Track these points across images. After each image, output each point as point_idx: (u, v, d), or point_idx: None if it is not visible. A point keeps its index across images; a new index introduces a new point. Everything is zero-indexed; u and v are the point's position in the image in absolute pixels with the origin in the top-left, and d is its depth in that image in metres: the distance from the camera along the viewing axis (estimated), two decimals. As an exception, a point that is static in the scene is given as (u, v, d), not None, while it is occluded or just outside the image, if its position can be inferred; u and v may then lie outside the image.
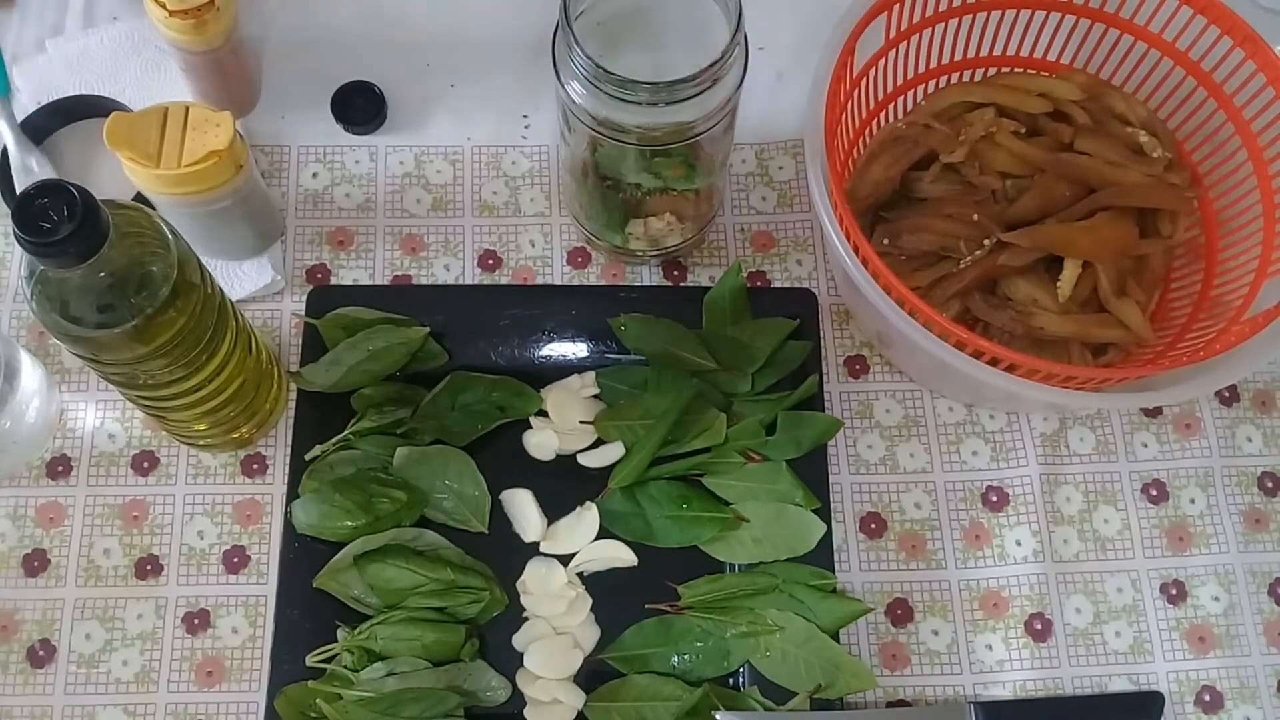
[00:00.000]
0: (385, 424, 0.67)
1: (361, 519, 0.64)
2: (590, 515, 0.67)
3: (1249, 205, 0.68)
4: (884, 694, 0.66)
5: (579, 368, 0.70)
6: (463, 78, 0.79)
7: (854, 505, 0.69)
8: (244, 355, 0.62)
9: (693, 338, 0.69)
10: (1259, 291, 0.65)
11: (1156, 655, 0.67)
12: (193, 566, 0.66)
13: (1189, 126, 0.71)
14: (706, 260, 0.75)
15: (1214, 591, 0.68)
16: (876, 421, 0.71)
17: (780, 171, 0.77)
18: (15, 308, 0.72)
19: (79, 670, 0.64)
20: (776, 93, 0.78)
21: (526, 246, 0.75)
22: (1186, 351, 0.66)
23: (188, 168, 0.62)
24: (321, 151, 0.76)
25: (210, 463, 0.68)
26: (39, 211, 0.47)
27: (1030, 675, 0.66)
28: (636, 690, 0.63)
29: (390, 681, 0.61)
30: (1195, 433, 0.72)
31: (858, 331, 0.73)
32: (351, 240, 0.74)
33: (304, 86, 0.77)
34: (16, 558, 0.66)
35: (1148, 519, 0.70)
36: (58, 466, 0.68)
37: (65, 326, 0.51)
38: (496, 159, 0.77)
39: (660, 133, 0.59)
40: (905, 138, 0.72)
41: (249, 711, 0.64)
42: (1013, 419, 0.72)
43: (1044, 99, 0.71)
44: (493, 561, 0.66)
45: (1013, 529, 0.69)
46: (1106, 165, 0.69)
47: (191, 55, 0.69)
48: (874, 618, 0.67)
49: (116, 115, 0.62)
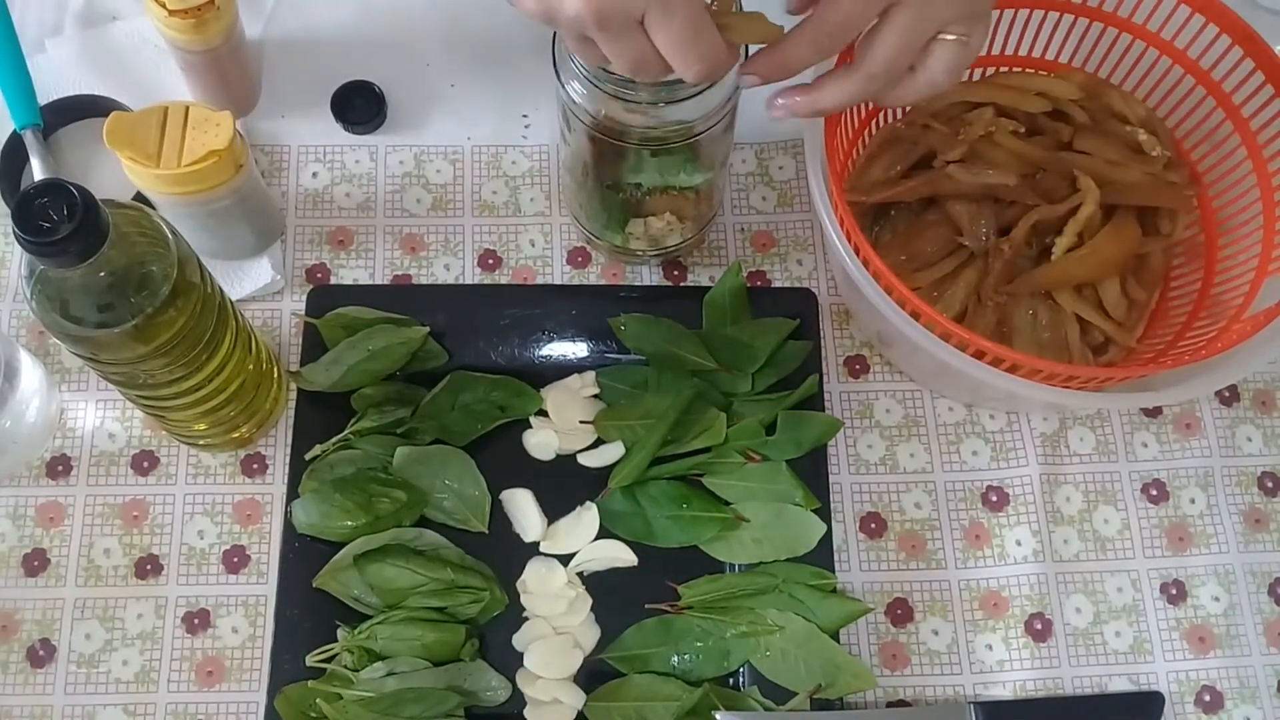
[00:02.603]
0: (385, 424, 0.67)
1: (361, 519, 0.64)
2: (590, 515, 0.67)
3: (1249, 204, 0.68)
4: (884, 694, 0.66)
5: (579, 368, 0.70)
6: (463, 78, 0.79)
7: (854, 505, 0.69)
8: (244, 355, 0.62)
9: (693, 337, 0.69)
10: (1259, 291, 0.65)
11: (1156, 655, 0.67)
12: (193, 566, 0.66)
13: (1188, 125, 0.71)
14: (706, 260, 0.75)
15: (1214, 591, 0.68)
16: (876, 421, 0.71)
17: (780, 171, 0.77)
18: (15, 308, 0.72)
19: (79, 670, 0.64)
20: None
21: (526, 246, 0.75)
22: (1187, 351, 0.66)
23: (188, 167, 0.62)
24: (321, 151, 0.76)
25: (210, 462, 0.68)
26: (39, 211, 0.47)
27: (1030, 675, 0.66)
28: (636, 690, 0.63)
29: (390, 681, 0.61)
30: (1195, 433, 0.72)
31: (858, 331, 0.73)
32: (351, 240, 0.74)
33: (304, 86, 0.77)
34: (16, 558, 0.66)
35: (1148, 519, 0.70)
36: (58, 466, 0.68)
37: (65, 326, 0.51)
38: (496, 159, 0.77)
39: (660, 132, 0.59)
40: (905, 138, 0.72)
41: (249, 711, 0.64)
42: (1013, 419, 0.72)
43: (1043, 98, 0.71)
44: (493, 561, 0.66)
45: (1013, 529, 0.69)
46: (1106, 164, 0.69)
47: (191, 55, 0.69)
48: (874, 618, 0.67)
49: (116, 115, 0.62)
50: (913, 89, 0.53)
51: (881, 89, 0.52)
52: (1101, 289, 0.69)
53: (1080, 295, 0.69)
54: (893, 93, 0.53)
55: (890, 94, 0.53)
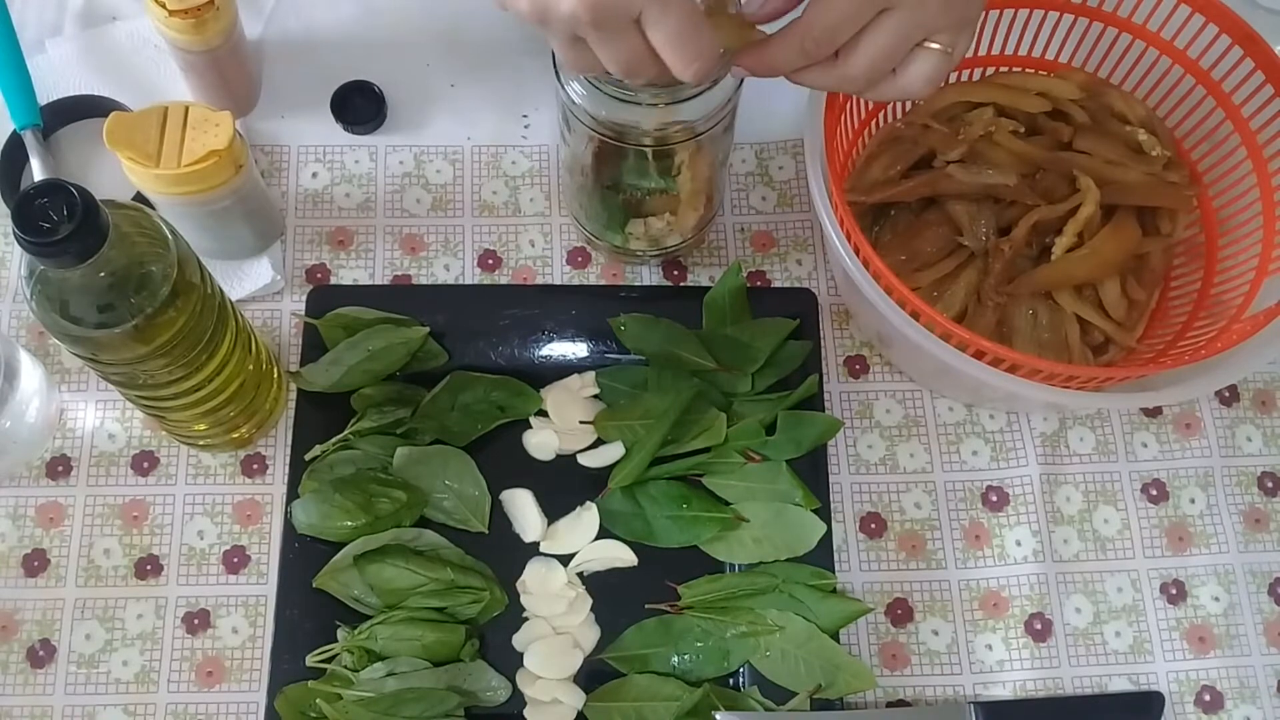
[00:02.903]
0: (385, 424, 0.67)
1: (361, 519, 0.64)
2: (590, 515, 0.67)
3: (1249, 204, 0.68)
4: (884, 694, 0.66)
5: (579, 368, 0.70)
6: (463, 78, 0.79)
7: (854, 505, 0.69)
8: (244, 355, 0.62)
9: (693, 338, 0.69)
10: (1259, 290, 0.65)
11: (1156, 655, 0.67)
12: (193, 566, 0.66)
13: (1188, 125, 0.72)
14: (706, 260, 0.75)
15: (1214, 591, 0.68)
16: (876, 421, 0.71)
17: (780, 171, 0.77)
18: (15, 308, 0.72)
19: (79, 670, 0.64)
20: (776, 93, 0.78)
21: (526, 246, 0.75)
22: (1187, 351, 0.66)
23: (188, 168, 0.62)
24: (321, 151, 0.76)
25: (210, 463, 0.68)
26: (39, 211, 0.47)
27: (1030, 675, 0.66)
28: (636, 690, 0.63)
29: (390, 681, 0.61)
30: (1195, 433, 0.72)
31: (858, 331, 0.73)
32: (351, 240, 0.74)
33: (304, 86, 0.77)
34: (16, 558, 0.66)
35: (1148, 519, 0.70)
36: (58, 466, 0.68)
37: (65, 326, 0.51)
38: (496, 159, 0.77)
39: (660, 133, 0.59)
40: (905, 137, 0.72)
41: (249, 711, 0.64)
42: (1013, 419, 0.72)
43: (1043, 98, 0.71)
44: (493, 561, 0.66)
45: (1013, 529, 0.69)
46: (1105, 164, 0.69)
47: (191, 55, 0.69)
48: (874, 618, 0.67)
49: (116, 115, 0.62)
50: (889, 91, 0.52)
51: (860, 90, 0.52)
52: (1101, 289, 0.69)
53: (1080, 295, 0.69)
54: (868, 91, 0.52)
55: (866, 92, 0.52)
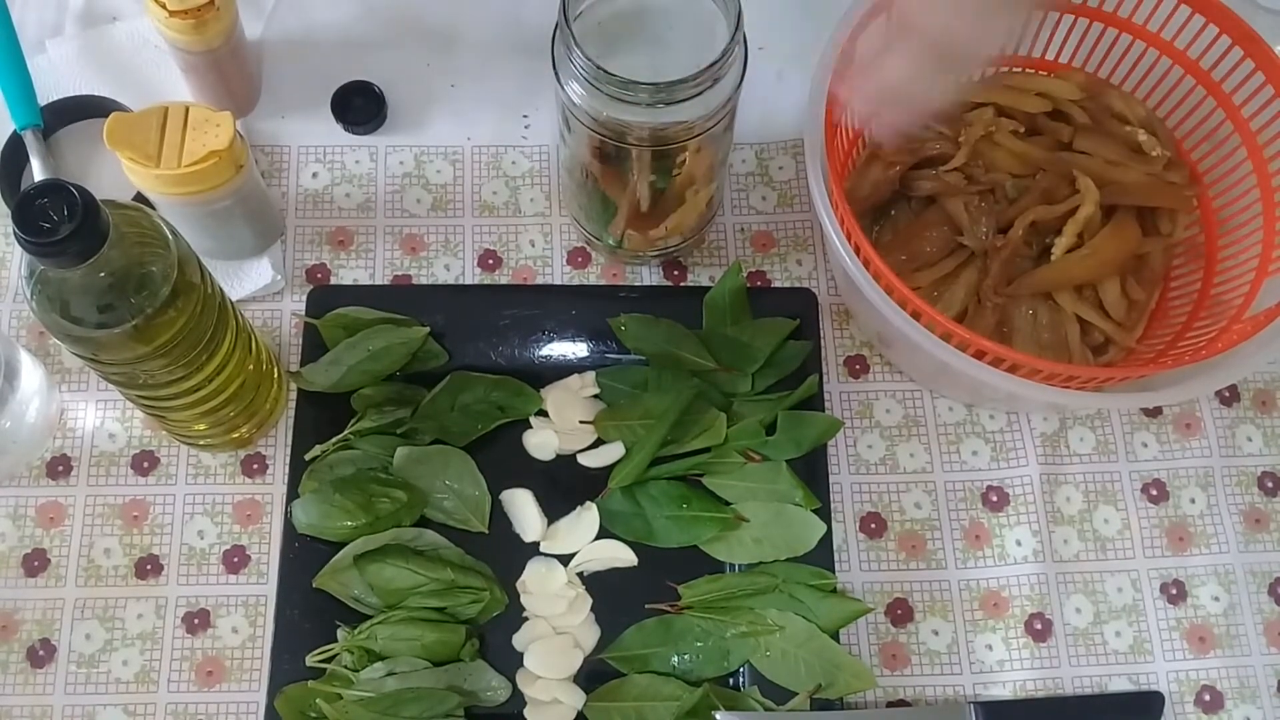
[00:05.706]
0: (385, 424, 0.67)
1: (361, 519, 0.64)
2: (590, 515, 0.67)
3: (1249, 204, 0.68)
4: (884, 694, 0.66)
5: (579, 368, 0.70)
6: (463, 78, 0.79)
7: (854, 505, 0.69)
8: (244, 355, 0.62)
9: (693, 338, 0.69)
10: (1259, 291, 0.65)
11: (1156, 655, 0.67)
12: (193, 566, 0.66)
13: (1188, 125, 0.71)
14: (706, 260, 0.75)
15: (1214, 591, 0.68)
16: (876, 421, 0.71)
17: (780, 171, 0.77)
18: (15, 308, 0.72)
19: (79, 670, 0.64)
20: (776, 93, 0.78)
21: (526, 246, 0.75)
22: (1187, 351, 0.66)
23: (188, 168, 0.62)
24: (321, 151, 0.76)
25: (210, 463, 0.69)
26: (39, 211, 0.47)
27: (1030, 675, 0.66)
28: (636, 690, 0.63)
29: (390, 681, 0.61)
30: (1195, 433, 0.72)
31: (858, 331, 0.73)
32: (351, 240, 0.74)
33: (304, 86, 0.77)
34: (16, 558, 0.66)
35: (1148, 519, 0.70)
36: (58, 466, 0.68)
37: (65, 326, 0.51)
38: (496, 159, 0.77)
39: (660, 133, 0.59)
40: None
41: (249, 711, 0.64)
42: (1013, 419, 0.72)
43: (1043, 98, 0.71)
44: (493, 561, 0.66)
45: (1013, 529, 0.69)
46: (1106, 164, 0.69)
47: (191, 55, 0.69)
48: (874, 618, 0.67)
49: (116, 115, 0.62)
50: None
51: None
52: (1101, 289, 0.69)
53: (1080, 295, 0.69)
54: None
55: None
